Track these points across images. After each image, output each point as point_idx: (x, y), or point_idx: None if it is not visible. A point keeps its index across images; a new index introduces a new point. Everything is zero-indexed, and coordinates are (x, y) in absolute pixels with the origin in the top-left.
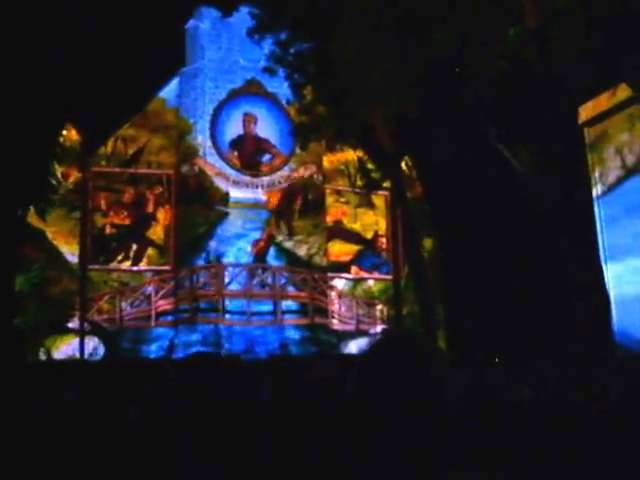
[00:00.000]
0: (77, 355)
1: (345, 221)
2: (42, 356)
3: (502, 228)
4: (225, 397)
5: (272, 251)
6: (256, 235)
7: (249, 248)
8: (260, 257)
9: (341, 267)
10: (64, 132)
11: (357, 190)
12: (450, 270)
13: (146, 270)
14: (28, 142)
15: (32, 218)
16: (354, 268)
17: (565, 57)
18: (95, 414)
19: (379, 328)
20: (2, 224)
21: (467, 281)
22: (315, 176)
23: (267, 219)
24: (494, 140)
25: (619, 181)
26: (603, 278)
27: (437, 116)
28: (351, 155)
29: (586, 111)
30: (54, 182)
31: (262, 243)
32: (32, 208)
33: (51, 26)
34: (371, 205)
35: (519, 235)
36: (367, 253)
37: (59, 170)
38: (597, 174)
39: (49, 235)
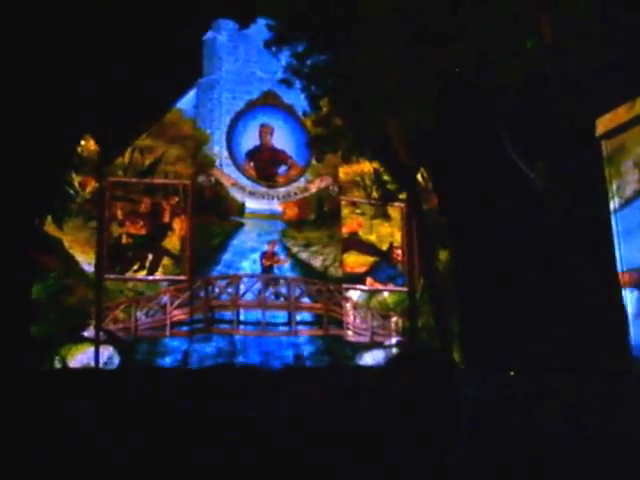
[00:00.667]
0: (92, 364)
1: (361, 232)
2: (57, 364)
3: (518, 241)
4: (242, 412)
5: (287, 262)
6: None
7: (259, 260)
8: (269, 269)
9: (356, 279)
10: (82, 142)
11: (373, 202)
12: (466, 282)
13: (161, 280)
14: (46, 152)
15: (49, 227)
16: (369, 280)
17: (582, 70)
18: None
19: (394, 340)
20: (20, 233)
21: (483, 294)
22: (331, 187)
23: (283, 230)
24: (511, 153)
25: (637, 194)
26: (620, 291)
27: (454, 128)
28: (367, 167)
29: (603, 124)
30: (71, 191)
31: (270, 255)
32: (49, 217)
33: (69, 38)
34: (387, 217)
35: (535, 249)
36: (382, 265)
37: (76, 180)
38: (614, 187)
39: (66, 244)
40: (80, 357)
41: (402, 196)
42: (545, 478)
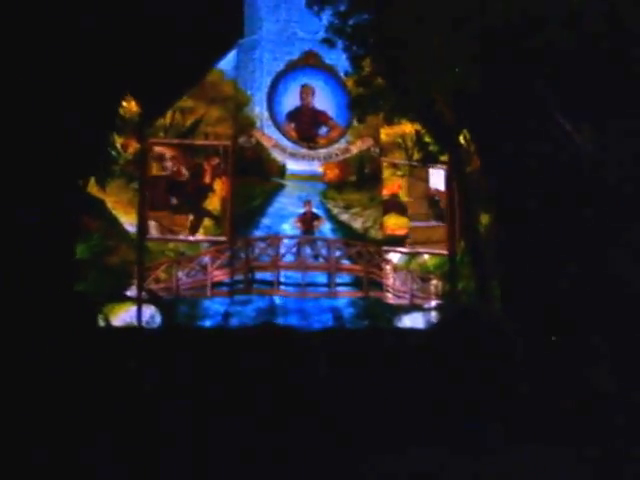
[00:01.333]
0: (134, 322)
1: (401, 194)
2: (101, 322)
3: (563, 206)
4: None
5: (328, 224)
6: (313, 208)
7: (297, 223)
8: (307, 231)
9: (396, 241)
10: (124, 104)
11: (414, 163)
12: (507, 247)
13: (202, 240)
14: (89, 114)
15: (92, 188)
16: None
17: (635, 28)
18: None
19: (433, 303)
20: (64, 194)
21: (524, 258)
22: (372, 149)
23: (324, 191)
24: (557, 115)
25: None
26: None
27: (499, 89)
28: (408, 128)
29: None
30: (114, 153)
31: (307, 216)
32: (92, 178)
33: (110, 2)
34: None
35: (580, 214)
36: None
37: (119, 141)
38: None
39: (109, 205)
40: (123, 316)
41: (444, 158)
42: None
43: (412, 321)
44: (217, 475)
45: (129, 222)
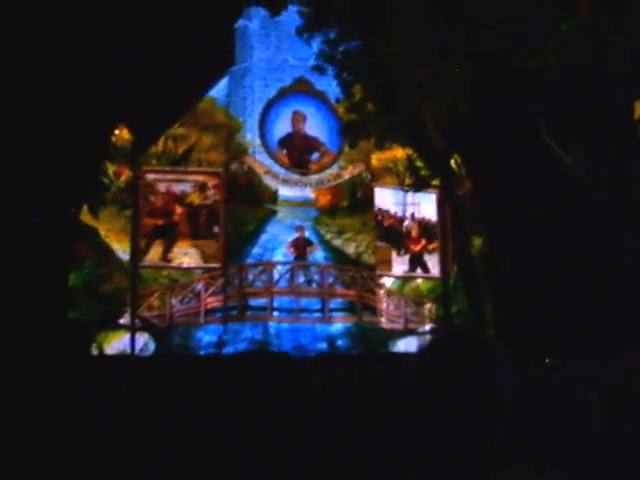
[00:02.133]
0: (128, 350)
1: None
2: (94, 351)
3: (553, 227)
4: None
5: (320, 250)
6: (305, 233)
7: (290, 249)
8: (300, 256)
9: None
10: (116, 132)
11: (406, 188)
12: (499, 269)
13: (196, 268)
14: (81, 142)
15: (85, 216)
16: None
17: (620, 51)
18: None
19: (427, 327)
20: (56, 222)
21: (517, 280)
22: (364, 174)
23: (316, 217)
24: (547, 138)
25: None
26: None
27: (488, 113)
28: (400, 153)
29: None
30: (106, 181)
31: (300, 242)
32: (85, 206)
33: (101, 28)
34: None
35: (570, 234)
36: None
37: (111, 169)
38: None
39: (101, 233)
40: (116, 344)
41: (435, 182)
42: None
43: (406, 345)
44: None
45: (122, 250)
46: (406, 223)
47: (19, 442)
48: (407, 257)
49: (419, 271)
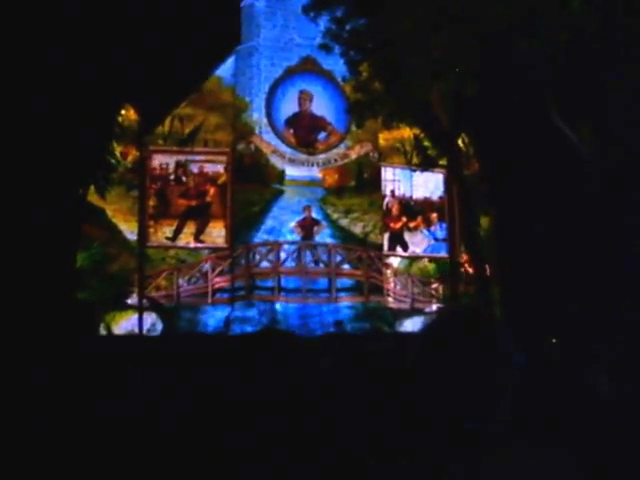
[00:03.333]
0: (136, 330)
1: None
2: (102, 331)
3: (560, 206)
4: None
5: (327, 229)
6: (312, 213)
7: (297, 229)
8: (307, 236)
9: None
10: (123, 112)
11: (413, 168)
12: (507, 249)
13: (203, 247)
14: (88, 123)
15: (92, 197)
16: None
17: (630, 30)
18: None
19: (434, 307)
20: (64, 203)
21: (524, 260)
22: (371, 154)
23: (323, 197)
24: (555, 117)
25: None
26: None
27: (496, 93)
28: (407, 132)
29: None
30: (113, 161)
31: (307, 222)
32: (92, 187)
33: (108, 8)
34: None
35: (576, 215)
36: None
37: (118, 149)
38: None
39: (109, 213)
40: (124, 324)
41: (443, 162)
42: (589, 442)
43: (413, 325)
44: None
45: (129, 230)
46: (386, 200)
47: (23, 423)
48: (387, 235)
49: (399, 249)
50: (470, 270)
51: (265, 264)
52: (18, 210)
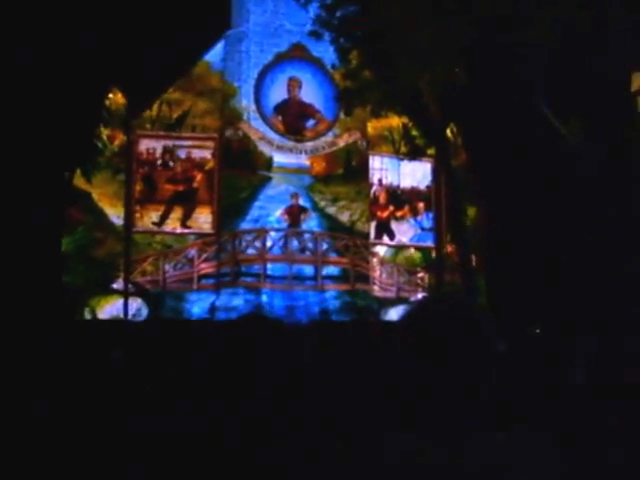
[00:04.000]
0: (121, 315)
1: None
2: (87, 315)
3: (548, 197)
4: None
5: (314, 217)
6: (300, 200)
7: (284, 215)
8: (294, 223)
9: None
10: (110, 95)
11: (401, 157)
12: (493, 239)
13: (189, 233)
14: (75, 105)
15: (78, 180)
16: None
17: (618, 24)
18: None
19: (420, 295)
20: (49, 186)
21: (510, 250)
22: (359, 142)
23: (310, 184)
24: (543, 109)
25: None
26: None
27: (485, 83)
28: (396, 121)
29: (639, 79)
30: (100, 145)
31: (294, 209)
32: (78, 170)
33: None
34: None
35: (562, 205)
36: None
37: (105, 133)
38: None
39: (95, 197)
40: (109, 309)
41: (431, 151)
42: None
43: (398, 314)
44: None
45: (115, 214)
46: (373, 189)
47: (9, 410)
48: (373, 223)
49: (385, 238)
50: (456, 259)
51: (251, 251)
52: (2, 192)
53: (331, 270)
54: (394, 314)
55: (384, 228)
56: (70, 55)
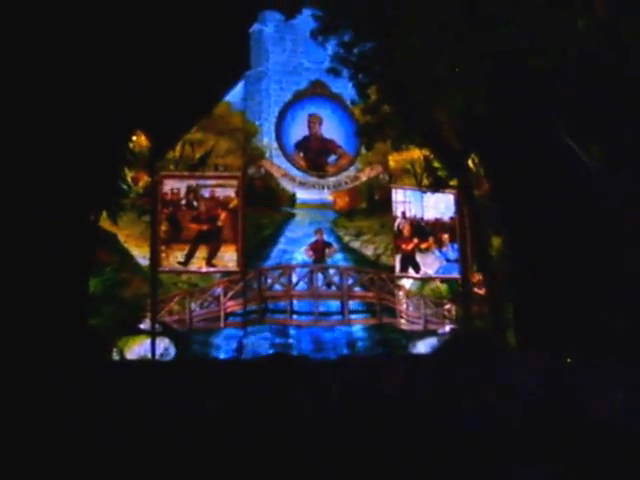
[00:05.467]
0: (149, 355)
1: None
2: (115, 356)
3: (571, 226)
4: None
5: (339, 252)
6: (324, 236)
7: (309, 252)
8: (319, 259)
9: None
10: (134, 138)
11: (424, 189)
12: (519, 269)
13: (215, 272)
14: (100, 148)
15: (104, 222)
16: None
17: (636, 47)
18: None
19: (447, 328)
20: (76, 229)
21: (536, 280)
22: (381, 176)
23: (334, 219)
24: (564, 136)
25: None
26: None
27: (505, 112)
28: (417, 154)
29: None
30: (125, 187)
31: (319, 245)
32: (104, 213)
33: (117, 35)
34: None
35: (589, 234)
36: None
37: (129, 175)
38: None
39: (121, 238)
40: (137, 349)
41: (453, 183)
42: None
43: (426, 346)
44: None
45: (141, 255)
46: (397, 222)
47: (35, 445)
48: (398, 256)
49: (411, 271)
50: (483, 290)
51: (277, 287)
52: (32, 235)
53: (357, 304)
54: (422, 347)
55: (409, 261)
56: (95, 99)
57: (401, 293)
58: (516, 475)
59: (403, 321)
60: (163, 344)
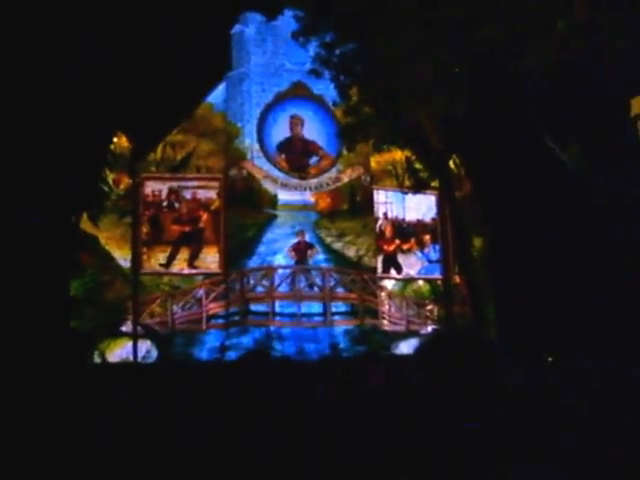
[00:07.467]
0: (130, 358)
1: None
2: (96, 359)
3: (552, 225)
4: (276, 396)
5: (321, 253)
6: (306, 237)
7: (291, 253)
8: (301, 260)
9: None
10: (115, 139)
11: (405, 190)
12: (501, 269)
13: (196, 273)
14: (80, 150)
15: (85, 224)
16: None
17: (615, 49)
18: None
19: (430, 328)
20: (57, 231)
21: (518, 280)
22: (363, 177)
23: (316, 221)
24: (544, 136)
25: None
26: None
27: (485, 113)
28: (399, 155)
29: (638, 103)
30: (106, 188)
31: (301, 246)
32: (85, 215)
33: (99, 37)
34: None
35: (570, 233)
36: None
37: (110, 177)
38: None
39: (102, 240)
40: (119, 352)
41: (435, 184)
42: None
43: (408, 347)
44: None
45: (122, 257)
46: (379, 223)
47: (17, 452)
48: (380, 257)
49: (393, 272)
50: (464, 291)
51: (259, 289)
52: (11, 238)
53: (340, 305)
54: (404, 348)
55: (391, 262)
56: (75, 101)
57: (383, 294)
58: (511, 475)
59: (385, 322)
60: (145, 347)
